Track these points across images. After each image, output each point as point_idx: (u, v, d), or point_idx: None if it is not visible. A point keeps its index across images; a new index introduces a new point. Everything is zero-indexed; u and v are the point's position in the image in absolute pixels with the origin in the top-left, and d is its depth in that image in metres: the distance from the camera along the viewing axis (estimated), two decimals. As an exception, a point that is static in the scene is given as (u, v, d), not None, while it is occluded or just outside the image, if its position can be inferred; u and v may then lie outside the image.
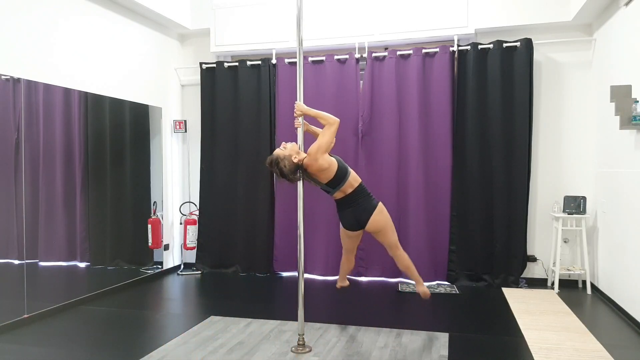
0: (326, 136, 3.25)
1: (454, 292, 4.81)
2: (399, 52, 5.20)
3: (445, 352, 3.25)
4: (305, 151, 3.34)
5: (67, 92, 4.35)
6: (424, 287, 3.78)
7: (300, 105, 3.33)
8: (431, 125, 5.15)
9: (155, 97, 5.56)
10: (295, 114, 3.37)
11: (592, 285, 4.79)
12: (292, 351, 3.27)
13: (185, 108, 6.06)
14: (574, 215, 4.76)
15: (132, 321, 4.02)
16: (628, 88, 3.70)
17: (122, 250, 5.13)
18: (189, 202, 5.92)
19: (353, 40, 5.28)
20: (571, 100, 5.03)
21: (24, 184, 3.94)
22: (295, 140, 3.39)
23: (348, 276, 5.39)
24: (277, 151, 3.29)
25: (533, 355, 3.21)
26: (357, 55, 5.30)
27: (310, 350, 3.28)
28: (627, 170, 4.01)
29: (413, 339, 3.49)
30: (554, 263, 4.90)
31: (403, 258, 3.70)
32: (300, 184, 3.38)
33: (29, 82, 3.96)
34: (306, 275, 5.14)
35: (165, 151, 5.73)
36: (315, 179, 3.37)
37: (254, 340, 3.48)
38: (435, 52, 5.11)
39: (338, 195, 3.47)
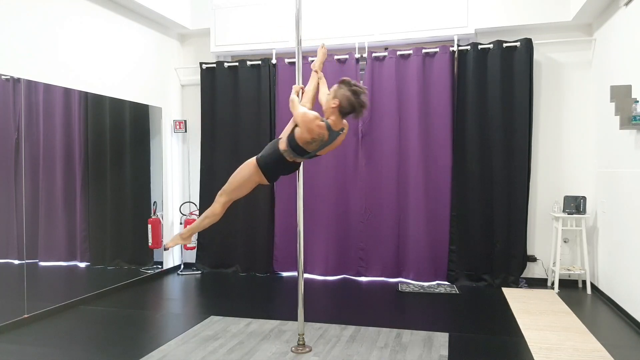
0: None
1: (454, 292, 4.81)
2: (399, 52, 5.20)
3: (445, 352, 3.25)
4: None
5: (67, 92, 4.35)
6: (170, 241, 3.52)
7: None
8: (431, 125, 5.15)
9: (155, 97, 5.56)
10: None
11: (592, 285, 4.79)
12: (292, 351, 3.27)
13: (185, 108, 6.06)
14: (574, 215, 4.76)
15: (132, 321, 4.02)
16: (628, 88, 3.70)
17: (122, 250, 5.13)
18: (189, 202, 5.92)
19: (353, 40, 5.28)
20: (571, 100, 5.02)
21: (24, 184, 3.94)
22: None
23: (348, 276, 5.42)
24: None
25: (533, 355, 3.21)
26: (357, 55, 5.30)
27: (310, 350, 3.28)
28: (627, 170, 4.01)
29: (413, 339, 3.49)
30: (554, 263, 4.89)
31: (207, 213, 3.29)
32: (299, 184, 3.38)
33: (29, 82, 3.96)
34: (306, 275, 5.14)
35: (165, 151, 5.73)
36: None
37: (254, 340, 3.48)
38: (435, 52, 5.11)
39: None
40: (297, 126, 3.01)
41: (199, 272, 5.71)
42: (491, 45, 4.97)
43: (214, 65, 5.68)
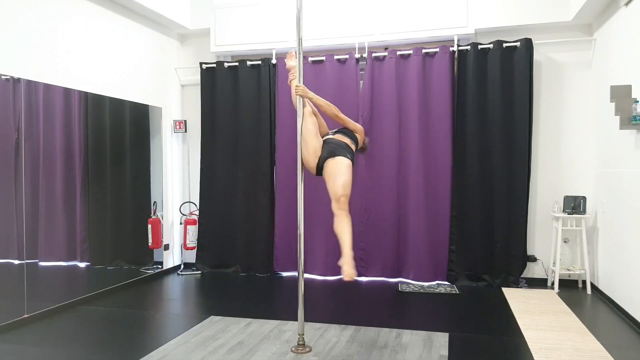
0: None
1: (454, 292, 4.81)
2: (399, 52, 5.20)
3: (445, 352, 3.25)
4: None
5: (67, 92, 4.35)
6: (349, 268, 3.01)
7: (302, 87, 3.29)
8: (431, 125, 5.15)
9: (155, 97, 5.56)
10: (296, 93, 3.29)
11: (592, 285, 4.79)
12: (292, 351, 3.27)
13: (185, 108, 6.06)
14: (574, 215, 4.76)
15: (132, 321, 4.02)
16: (628, 88, 3.70)
17: (122, 250, 5.13)
18: (189, 202, 5.92)
19: (353, 40, 5.28)
20: (571, 101, 5.03)
21: (24, 184, 3.94)
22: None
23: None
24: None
25: (533, 355, 3.21)
26: (357, 55, 5.30)
27: (310, 350, 3.28)
28: (627, 170, 4.01)
29: (413, 339, 3.49)
30: (554, 263, 4.90)
31: (350, 224, 3.22)
32: (300, 184, 3.38)
33: (29, 82, 3.96)
34: (306, 275, 5.14)
35: (165, 151, 5.73)
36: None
37: (254, 340, 3.48)
38: (435, 52, 5.11)
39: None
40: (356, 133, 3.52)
41: (199, 272, 5.71)
42: (491, 45, 4.97)
43: (214, 65, 5.68)
